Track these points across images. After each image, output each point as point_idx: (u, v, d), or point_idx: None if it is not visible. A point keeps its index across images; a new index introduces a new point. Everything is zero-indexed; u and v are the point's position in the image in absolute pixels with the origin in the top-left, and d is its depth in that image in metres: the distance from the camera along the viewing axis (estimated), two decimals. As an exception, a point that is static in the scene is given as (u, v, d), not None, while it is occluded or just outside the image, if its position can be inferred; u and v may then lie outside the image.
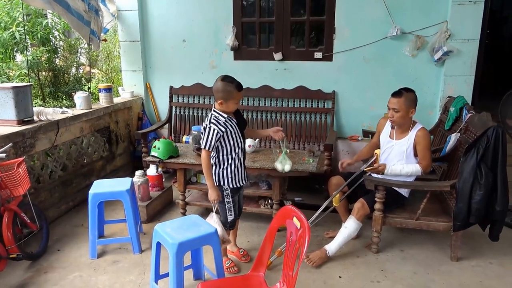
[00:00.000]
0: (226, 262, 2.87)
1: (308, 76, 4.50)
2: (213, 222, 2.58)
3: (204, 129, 2.61)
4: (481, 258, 3.04)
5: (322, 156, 4.00)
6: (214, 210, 2.70)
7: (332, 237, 3.18)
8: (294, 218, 1.93)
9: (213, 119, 2.59)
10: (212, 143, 2.56)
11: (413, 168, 2.94)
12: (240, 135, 2.69)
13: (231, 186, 2.72)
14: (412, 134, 2.97)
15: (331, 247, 3.01)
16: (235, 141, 2.65)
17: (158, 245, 2.44)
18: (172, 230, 2.36)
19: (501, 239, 2.96)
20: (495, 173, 2.75)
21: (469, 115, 3.26)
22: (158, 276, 2.55)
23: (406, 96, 2.92)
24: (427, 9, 4.08)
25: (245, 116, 4.64)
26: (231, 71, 4.69)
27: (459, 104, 3.59)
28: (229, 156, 2.67)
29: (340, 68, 4.42)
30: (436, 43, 4.05)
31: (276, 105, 4.60)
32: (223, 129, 2.57)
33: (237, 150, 2.67)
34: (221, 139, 2.60)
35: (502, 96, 3.90)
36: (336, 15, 4.33)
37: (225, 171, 2.69)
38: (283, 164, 3.08)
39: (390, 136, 3.11)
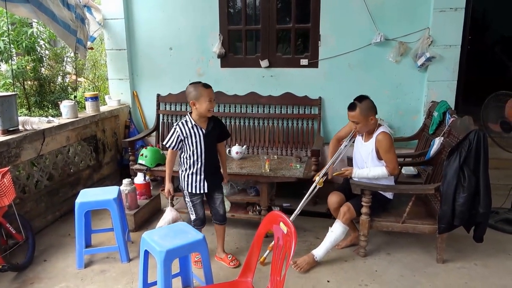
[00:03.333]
0: (228, 256, 3.08)
1: (294, 83, 4.55)
2: (167, 217, 2.94)
3: (173, 128, 2.80)
4: (466, 259, 3.08)
5: (310, 161, 4.03)
6: (169, 204, 3.12)
7: (345, 247, 3.26)
8: (281, 223, 1.94)
9: (182, 121, 2.79)
10: (172, 143, 2.77)
11: (380, 171, 2.96)
12: (202, 146, 2.79)
13: (187, 190, 2.90)
14: (374, 138, 2.98)
15: (319, 252, 3.03)
16: (194, 150, 2.78)
17: (146, 253, 2.43)
18: (160, 238, 2.36)
19: (485, 241, 3.02)
20: (478, 176, 2.81)
21: (452, 119, 3.33)
22: (146, 285, 2.54)
23: (360, 107, 2.90)
24: (410, 16, 4.17)
25: (232, 123, 4.68)
26: (218, 78, 4.74)
27: (442, 108, 3.66)
28: (186, 161, 2.83)
29: (326, 74, 4.48)
30: (419, 49, 4.14)
31: (263, 111, 4.63)
32: (184, 134, 2.75)
33: (194, 158, 2.80)
34: (183, 143, 2.78)
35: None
36: (321, 22, 4.39)
37: (182, 173, 2.89)
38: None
39: (362, 137, 3.14)
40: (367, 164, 3.03)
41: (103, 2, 4.79)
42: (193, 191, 2.89)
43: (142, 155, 3.51)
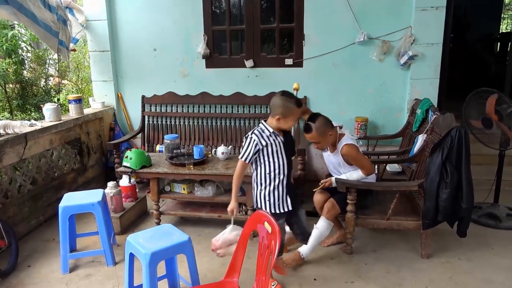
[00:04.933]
0: (272, 284, 2.72)
1: (279, 83, 4.55)
2: (229, 230, 2.48)
3: (246, 138, 2.47)
4: (450, 254, 3.13)
5: (296, 161, 4.04)
6: (232, 222, 2.55)
7: (331, 245, 3.28)
8: (265, 223, 1.95)
9: (257, 130, 2.46)
10: (250, 155, 2.42)
11: (356, 175, 2.98)
12: (284, 156, 2.49)
13: (272, 211, 2.49)
14: (338, 150, 2.96)
15: (305, 249, 3.04)
16: (277, 161, 2.45)
17: (131, 256, 2.42)
18: (145, 240, 2.34)
19: (468, 236, 3.06)
20: (460, 172, 2.85)
21: (434, 116, 3.37)
22: (132, 288, 2.52)
23: (316, 128, 2.82)
24: (392, 15, 4.22)
25: (218, 124, 4.68)
26: (203, 79, 4.73)
27: (425, 106, 3.71)
28: (267, 177, 2.47)
29: (311, 74, 4.50)
30: (402, 47, 4.19)
31: (249, 111, 4.63)
32: (263, 143, 2.41)
33: (277, 171, 2.47)
34: (261, 154, 2.43)
35: (468, 98, 4.06)
36: (305, 22, 4.41)
37: (262, 193, 2.50)
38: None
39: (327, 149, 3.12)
40: (341, 170, 3.06)
41: (85, 3, 4.74)
42: (278, 211, 2.53)
43: (127, 157, 3.48)
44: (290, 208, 2.59)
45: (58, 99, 5.06)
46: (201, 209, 3.67)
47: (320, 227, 3.02)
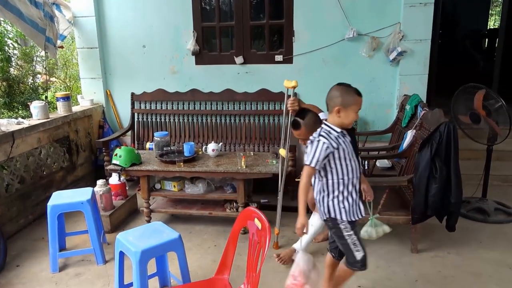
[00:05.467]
0: None
1: (269, 79, 4.56)
2: (298, 260, 2.23)
3: (311, 142, 2.15)
4: (439, 249, 3.16)
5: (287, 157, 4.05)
6: (301, 246, 2.29)
7: (322, 241, 3.29)
8: (256, 219, 1.95)
9: (323, 132, 2.16)
10: (320, 158, 2.09)
11: None
12: (355, 157, 2.22)
13: (348, 219, 2.21)
14: None
15: (300, 245, 3.05)
16: (349, 163, 2.18)
17: (121, 254, 2.40)
18: (135, 238, 2.33)
19: (457, 230, 3.09)
20: (449, 167, 2.87)
21: (423, 112, 3.40)
22: (122, 286, 2.51)
23: (304, 124, 2.73)
24: (381, 11, 4.23)
25: (208, 121, 4.66)
26: (193, 76, 4.70)
27: (414, 102, 3.74)
28: (340, 182, 2.18)
29: (301, 70, 4.50)
30: (391, 44, 4.20)
31: (239, 108, 4.62)
32: (334, 145, 2.12)
33: (350, 175, 2.19)
34: (331, 158, 2.14)
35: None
36: (295, 18, 4.41)
37: (335, 200, 2.21)
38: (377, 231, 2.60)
39: None
40: None
41: (73, -1, 4.68)
42: (353, 218, 2.23)
43: (116, 155, 3.45)
44: (363, 214, 2.30)
45: (46, 97, 5.00)
46: (192, 206, 3.66)
47: (315, 224, 3.04)
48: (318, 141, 2.12)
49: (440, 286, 2.71)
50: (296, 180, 3.14)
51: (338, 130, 2.16)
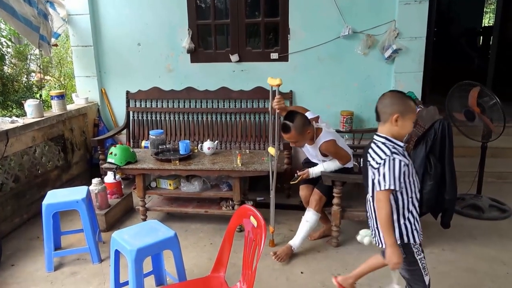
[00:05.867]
0: None
1: (265, 77, 4.44)
2: None
3: (383, 162, 1.88)
4: (434, 245, 3.18)
5: (282, 155, 4.06)
6: (395, 281, 2.06)
7: (318, 238, 3.32)
8: (251, 217, 1.95)
9: (391, 148, 1.90)
10: (401, 179, 1.87)
11: (333, 166, 3.03)
12: (415, 172, 2.02)
13: (419, 240, 2.03)
14: (317, 145, 2.98)
15: (296, 242, 3.08)
16: (415, 179, 1.99)
17: (117, 253, 2.40)
18: (130, 237, 2.32)
19: (452, 227, 3.11)
20: (443, 164, 2.89)
21: (418, 109, 3.40)
22: (118, 285, 2.51)
23: (294, 127, 2.82)
24: (376, 9, 4.23)
25: (204, 119, 4.65)
26: (188, 74, 4.69)
27: (409, 99, 3.74)
28: (410, 201, 1.96)
29: (296, 68, 4.50)
30: (386, 41, 4.21)
31: (235, 106, 4.61)
32: (407, 161, 1.91)
33: (416, 191, 2.00)
34: (405, 177, 1.91)
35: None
36: (290, 16, 4.40)
37: (407, 223, 1.98)
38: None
39: None
40: (318, 158, 3.11)
41: (67, -3, 4.65)
42: (420, 240, 2.05)
43: (111, 153, 3.44)
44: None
45: (41, 95, 4.97)
46: (187, 204, 3.65)
47: (310, 220, 3.05)
48: (394, 159, 1.87)
49: (435, 283, 2.71)
50: (291, 183, 3.15)
51: (402, 144, 1.96)
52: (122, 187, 4.04)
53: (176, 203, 3.70)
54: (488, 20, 11.17)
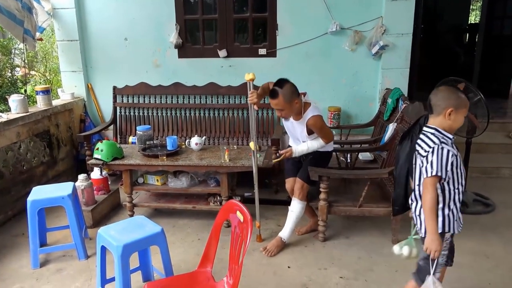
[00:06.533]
0: None
1: (253, 73, 4.53)
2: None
3: (432, 150, 1.95)
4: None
5: (270, 150, 4.06)
6: (433, 270, 2.01)
7: (305, 233, 3.32)
8: (238, 212, 1.95)
9: (441, 138, 1.97)
10: (448, 167, 1.92)
11: (317, 144, 2.99)
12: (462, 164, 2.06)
13: (457, 231, 2.06)
14: (304, 120, 2.94)
15: (285, 233, 3.11)
16: (463, 171, 2.03)
17: (103, 249, 2.39)
18: (117, 233, 2.31)
19: (436, 221, 3.16)
20: (428, 159, 2.92)
21: (404, 105, 3.44)
22: (104, 281, 2.50)
23: (283, 93, 2.80)
24: (364, 5, 4.26)
25: (192, 115, 4.63)
26: (176, 69, 4.67)
27: (395, 95, 3.78)
28: (456, 191, 2.02)
29: (284, 64, 4.51)
30: (373, 38, 4.24)
31: (223, 102, 4.61)
32: (455, 152, 1.96)
33: (463, 182, 2.04)
34: (453, 167, 1.97)
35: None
36: (278, 12, 4.40)
37: (450, 213, 2.02)
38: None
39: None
40: (302, 138, 3.05)
41: (52, -10, 4.58)
42: (459, 231, 2.09)
43: (97, 149, 3.41)
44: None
45: (25, 91, 4.89)
46: (175, 200, 3.64)
47: (295, 209, 3.08)
48: (442, 148, 1.93)
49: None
50: (273, 161, 3.10)
51: (451, 136, 2.00)
52: (109, 183, 4.01)
53: (163, 199, 3.69)
54: (474, 17, 11.32)
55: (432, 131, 2.02)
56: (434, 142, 1.97)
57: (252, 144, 3.11)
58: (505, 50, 6.40)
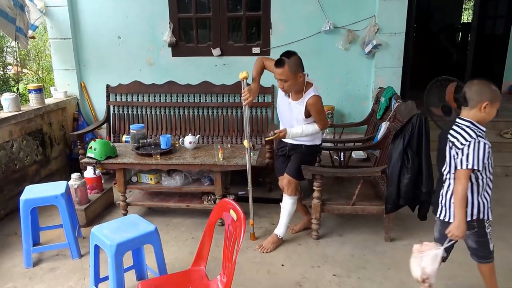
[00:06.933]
0: None
1: (246, 71, 4.54)
2: (434, 258, 2.16)
3: (469, 144, 2.03)
4: (411, 237, 3.25)
5: (264, 149, 4.08)
6: (446, 243, 2.19)
7: (299, 231, 3.34)
8: (231, 210, 1.96)
9: (477, 131, 2.06)
10: (484, 160, 2.03)
11: (312, 129, 2.95)
12: None
13: (491, 217, 2.21)
14: (304, 99, 2.90)
15: (280, 230, 3.13)
16: (492, 161, 2.14)
17: (97, 248, 2.38)
18: (110, 232, 2.31)
19: (429, 218, 3.18)
20: (421, 157, 2.95)
21: (397, 104, 3.47)
22: (98, 280, 2.49)
23: (289, 63, 2.77)
24: (357, 4, 4.28)
25: (186, 113, 4.63)
26: (170, 68, 4.66)
27: (388, 94, 3.81)
28: (489, 180, 2.16)
29: (278, 62, 4.51)
30: (366, 37, 4.26)
31: (217, 100, 4.61)
32: (489, 143, 2.06)
33: (492, 172, 2.17)
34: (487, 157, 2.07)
35: (430, 86, 4.19)
36: (272, 10, 4.41)
37: (484, 199, 2.17)
38: None
39: (287, 95, 3.02)
40: (297, 122, 2.98)
41: (44, -12, 4.54)
42: (491, 217, 2.24)
43: (90, 148, 3.40)
44: None
45: (18, 89, 4.86)
46: (169, 199, 3.64)
47: (286, 205, 3.09)
48: (479, 142, 2.02)
49: (411, 274, 2.79)
50: (266, 139, 3.10)
51: (484, 128, 2.10)
52: (102, 182, 4.00)
53: (157, 197, 3.69)
54: (467, 16, 11.40)
55: (468, 124, 2.09)
56: (471, 136, 2.04)
57: (246, 142, 3.11)
58: (497, 49, 6.46)
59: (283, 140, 3.13)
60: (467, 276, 2.79)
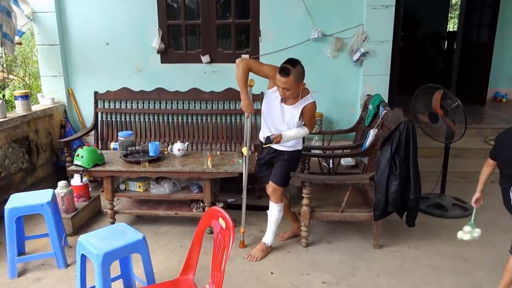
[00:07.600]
0: None
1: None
2: None
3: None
4: (400, 243, 3.27)
5: (253, 156, 4.07)
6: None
7: (288, 238, 3.34)
8: (220, 218, 1.95)
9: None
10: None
11: (303, 131, 2.96)
12: None
13: None
14: (300, 104, 2.88)
15: (268, 238, 3.13)
16: None
17: (83, 257, 2.35)
18: (97, 241, 2.28)
19: (417, 225, 3.22)
20: (408, 164, 2.99)
21: (385, 111, 3.50)
22: (85, 290, 2.45)
23: (294, 72, 2.70)
24: (345, 12, 4.33)
25: (174, 120, 4.62)
26: (158, 74, 4.65)
27: (376, 101, 3.84)
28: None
29: (267, 69, 4.52)
30: (354, 44, 4.31)
31: (206, 107, 4.60)
32: None
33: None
34: None
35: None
36: (261, 18, 4.43)
37: None
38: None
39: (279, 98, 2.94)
40: (287, 125, 2.93)
41: (32, -6, 4.51)
42: None
43: (78, 155, 3.36)
44: None
45: (4, 96, 4.79)
46: (157, 207, 3.61)
47: (273, 213, 3.09)
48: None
49: (400, 279, 2.82)
50: (264, 146, 3.00)
51: None
52: (90, 190, 3.95)
53: (145, 205, 3.66)
54: (452, 25, 11.59)
55: None
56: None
57: (245, 150, 3.11)
58: (481, 57, 6.58)
59: (265, 146, 3.04)
60: (454, 282, 2.80)
